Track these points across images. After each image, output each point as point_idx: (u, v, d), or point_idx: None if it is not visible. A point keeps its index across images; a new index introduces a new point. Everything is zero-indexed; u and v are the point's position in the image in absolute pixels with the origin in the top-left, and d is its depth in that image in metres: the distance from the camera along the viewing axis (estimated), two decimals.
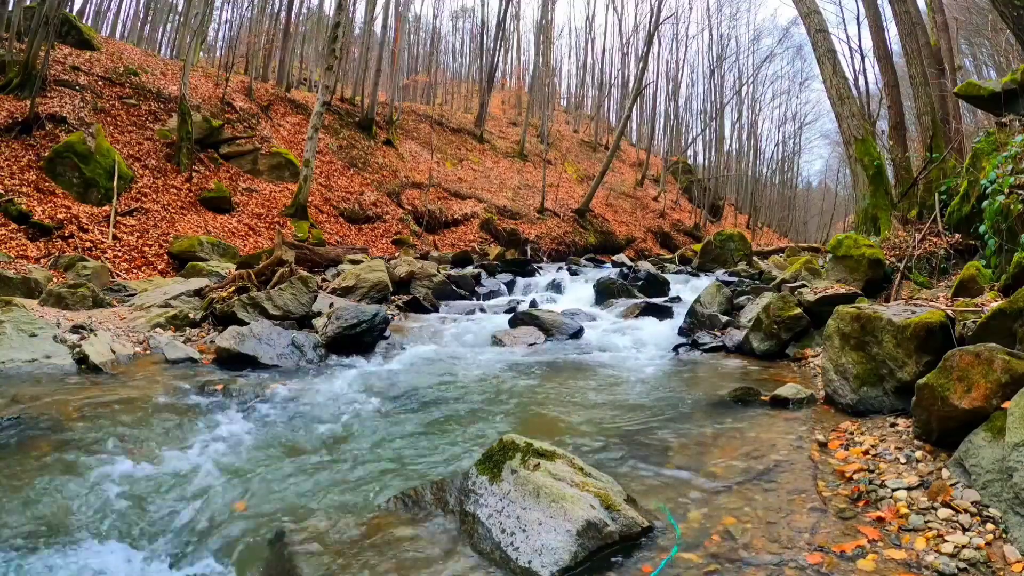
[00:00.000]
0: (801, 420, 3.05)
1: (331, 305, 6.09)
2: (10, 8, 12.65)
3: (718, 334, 5.35)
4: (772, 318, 4.75)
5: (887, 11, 11.16)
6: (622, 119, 25.10)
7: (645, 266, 12.33)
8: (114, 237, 9.25)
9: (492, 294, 8.92)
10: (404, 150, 20.67)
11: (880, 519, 1.98)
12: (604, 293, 8.18)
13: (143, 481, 2.39)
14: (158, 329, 5.31)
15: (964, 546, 1.77)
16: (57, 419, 2.99)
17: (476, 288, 8.82)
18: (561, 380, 4.17)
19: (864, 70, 28.06)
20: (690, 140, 36.95)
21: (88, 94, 12.35)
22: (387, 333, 5.37)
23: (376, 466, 2.60)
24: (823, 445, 2.67)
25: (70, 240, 8.65)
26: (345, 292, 7.05)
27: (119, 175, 10.25)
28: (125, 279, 8.17)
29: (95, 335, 4.55)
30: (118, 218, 9.72)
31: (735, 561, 1.78)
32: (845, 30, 54.68)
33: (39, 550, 1.88)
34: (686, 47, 38.25)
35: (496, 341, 5.51)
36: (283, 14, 23.14)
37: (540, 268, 12.24)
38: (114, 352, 4.34)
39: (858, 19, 20.88)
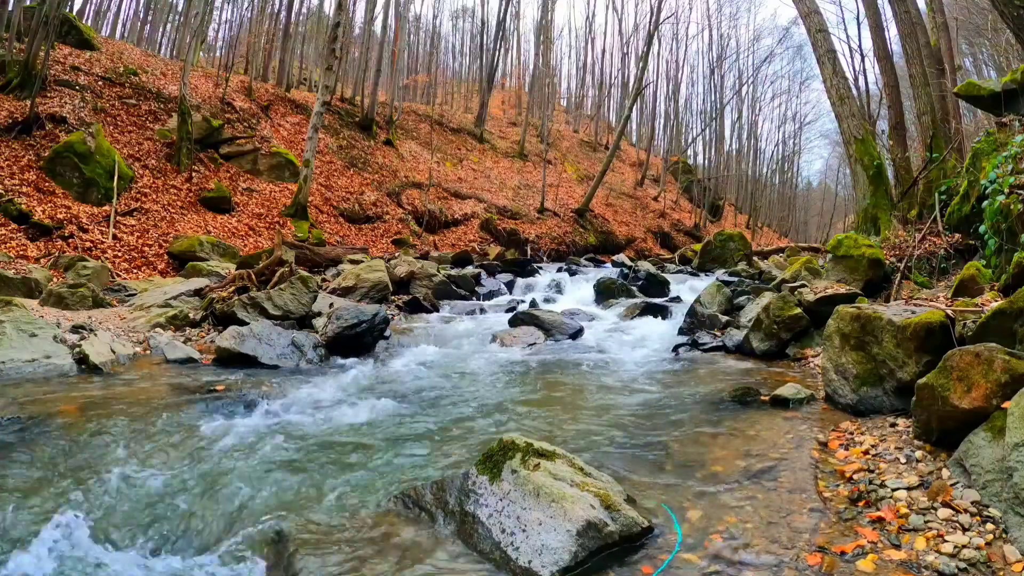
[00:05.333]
0: (801, 420, 3.05)
1: (331, 305, 6.09)
2: (10, 8, 12.65)
3: (718, 334, 5.35)
4: (772, 318, 4.75)
5: (887, 11, 11.18)
6: (622, 119, 25.10)
7: (645, 266, 12.34)
8: (114, 237, 9.25)
9: (492, 294, 8.93)
10: (404, 150, 20.67)
11: (880, 519, 1.97)
12: (604, 293, 8.18)
13: (142, 480, 2.38)
14: (158, 329, 5.31)
15: (964, 546, 1.76)
16: (57, 419, 2.99)
17: (476, 288, 8.82)
18: (561, 380, 4.17)
19: (864, 70, 28.02)
20: (690, 140, 36.97)
21: (88, 94, 12.35)
22: (387, 333, 5.37)
23: (376, 466, 2.60)
24: (823, 445, 2.67)
25: (70, 240, 8.65)
26: (345, 292, 7.05)
27: (119, 175, 10.25)
28: (125, 279, 8.17)
29: (95, 335, 4.55)
30: (118, 218, 9.72)
31: (735, 561, 1.78)
32: (845, 30, 54.90)
33: (37, 549, 1.87)
34: (686, 47, 38.33)
35: (496, 341, 5.51)
36: (283, 14, 23.16)
37: (540, 268, 12.23)
38: (114, 352, 4.34)
39: (858, 19, 20.93)
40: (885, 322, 3.01)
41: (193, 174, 12.29)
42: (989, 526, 1.84)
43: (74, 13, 18.30)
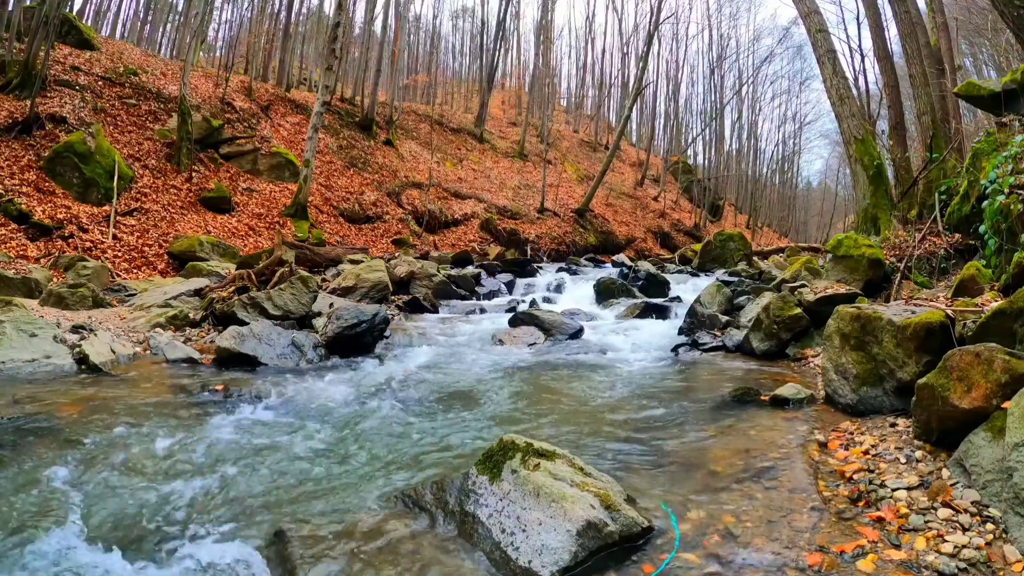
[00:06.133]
0: (801, 420, 3.05)
1: (331, 305, 6.09)
2: (10, 8, 12.65)
3: (718, 334, 5.35)
4: (772, 318, 4.75)
5: (887, 11, 11.18)
6: (622, 119, 25.09)
7: (645, 266, 12.34)
8: (114, 237, 9.25)
9: (492, 294, 8.93)
10: (404, 150, 20.67)
11: (880, 519, 1.97)
12: (604, 293, 8.18)
13: (142, 480, 2.38)
14: (158, 329, 5.32)
15: (964, 546, 1.76)
16: (57, 419, 3.00)
17: (476, 288, 8.82)
18: (561, 380, 4.17)
19: (864, 70, 28.03)
20: (690, 140, 36.98)
21: (88, 94, 12.35)
22: (387, 333, 5.37)
23: (376, 466, 2.60)
24: (823, 445, 2.67)
25: (70, 240, 8.65)
26: (345, 292, 7.05)
27: (119, 175, 10.25)
28: (125, 279, 8.17)
29: (95, 335, 4.55)
30: (118, 218, 9.72)
31: (735, 561, 1.78)
32: (845, 30, 55.00)
33: (37, 548, 1.88)
34: (686, 47, 38.41)
35: (496, 341, 5.51)
36: (283, 14, 23.16)
37: (540, 268, 12.24)
38: (114, 352, 4.34)
39: (858, 19, 20.94)
40: (885, 322, 3.01)
41: (193, 174, 12.29)
42: (989, 526, 1.84)
43: (74, 13, 18.30)
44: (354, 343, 4.95)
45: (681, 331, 5.69)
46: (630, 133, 35.93)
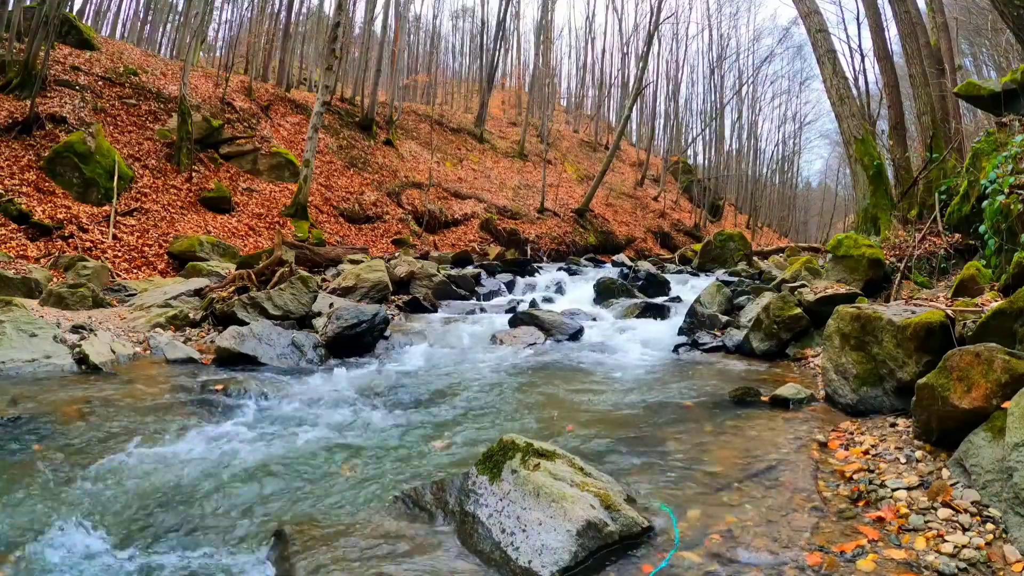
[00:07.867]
0: (801, 420, 3.05)
1: (331, 305, 6.09)
2: (10, 8, 12.64)
3: (718, 334, 5.35)
4: (772, 318, 4.75)
5: (887, 11, 11.19)
6: (622, 119, 25.09)
7: (645, 266, 12.33)
8: (114, 237, 9.25)
9: (492, 294, 8.92)
10: (404, 150, 20.67)
11: (880, 519, 1.98)
12: (604, 293, 8.18)
13: (141, 481, 2.38)
14: (158, 329, 5.31)
15: (964, 546, 1.77)
16: (57, 419, 2.99)
17: (476, 288, 8.82)
18: (561, 380, 4.17)
19: (864, 70, 27.96)
20: (690, 140, 36.97)
21: (88, 94, 12.35)
22: (387, 333, 5.37)
23: (376, 466, 2.60)
24: (823, 445, 2.67)
25: (70, 240, 8.65)
26: (345, 292, 7.05)
27: (119, 175, 10.25)
28: (125, 279, 8.17)
29: (95, 335, 4.55)
30: (118, 218, 9.72)
31: (735, 560, 1.78)
32: (845, 30, 55.00)
33: (36, 550, 1.87)
34: (686, 47, 38.40)
35: (496, 341, 5.51)
36: (283, 14, 23.15)
37: (540, 268, 12.23)
38: (114, 352, 4.34)
39: (858, 19, 20.93)
40: (885, 322, 3.01)
41: (193, 174, 12.29)
42: (989, 526, 1.84)
43: (74, 13, 18.29)
44: (354, 343, 4.95)
45: (681, 331, 5.69)
46: (630, 133, 35.92)
